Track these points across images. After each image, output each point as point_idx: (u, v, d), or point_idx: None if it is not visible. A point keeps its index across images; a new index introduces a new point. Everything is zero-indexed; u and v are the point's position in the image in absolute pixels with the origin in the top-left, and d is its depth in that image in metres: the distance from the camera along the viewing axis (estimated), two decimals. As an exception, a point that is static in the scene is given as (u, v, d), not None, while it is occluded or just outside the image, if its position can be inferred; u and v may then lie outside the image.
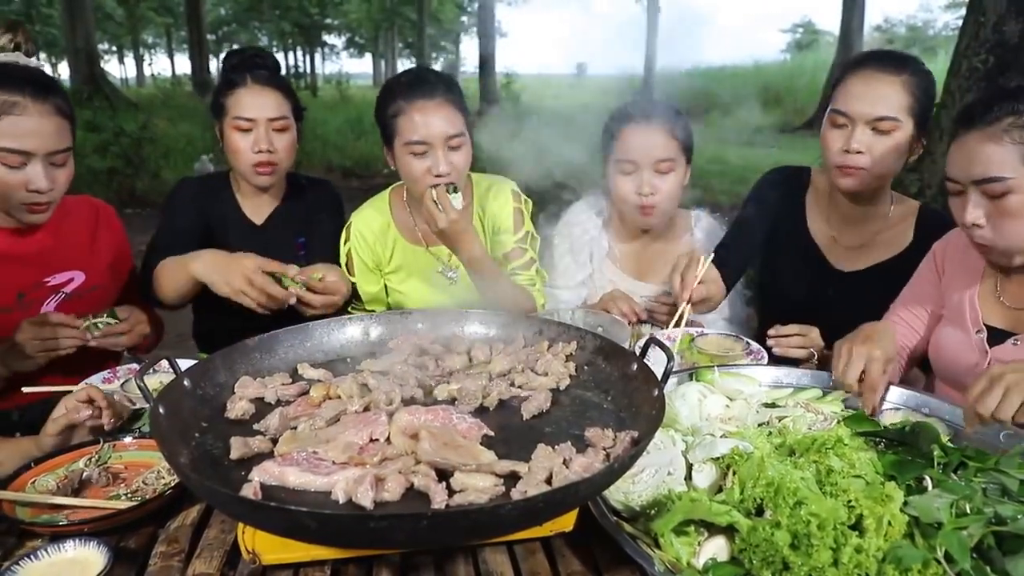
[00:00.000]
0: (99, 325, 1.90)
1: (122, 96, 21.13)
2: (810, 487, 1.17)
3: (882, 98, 1.96)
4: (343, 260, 2.37)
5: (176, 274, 2.06)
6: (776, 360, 1.93)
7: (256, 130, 2.18)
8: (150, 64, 70.07)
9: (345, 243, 2.37)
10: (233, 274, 1.91)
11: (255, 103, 2.18)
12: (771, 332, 1.96)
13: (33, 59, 1.93)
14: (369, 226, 2.35)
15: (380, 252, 2.35)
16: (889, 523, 1.12)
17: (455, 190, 2.01)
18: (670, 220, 2.46)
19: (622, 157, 2.29)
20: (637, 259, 2.52)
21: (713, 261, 2.25)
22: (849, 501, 1.14)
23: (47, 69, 2.02)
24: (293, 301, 1.96)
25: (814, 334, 1.95)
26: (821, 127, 2.12)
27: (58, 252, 2.06)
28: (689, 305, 1.98)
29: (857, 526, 1.13)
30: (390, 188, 2.44)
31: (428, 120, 2.07)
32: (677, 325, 2.01)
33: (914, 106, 1.97)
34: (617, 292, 2.33)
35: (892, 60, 2.01)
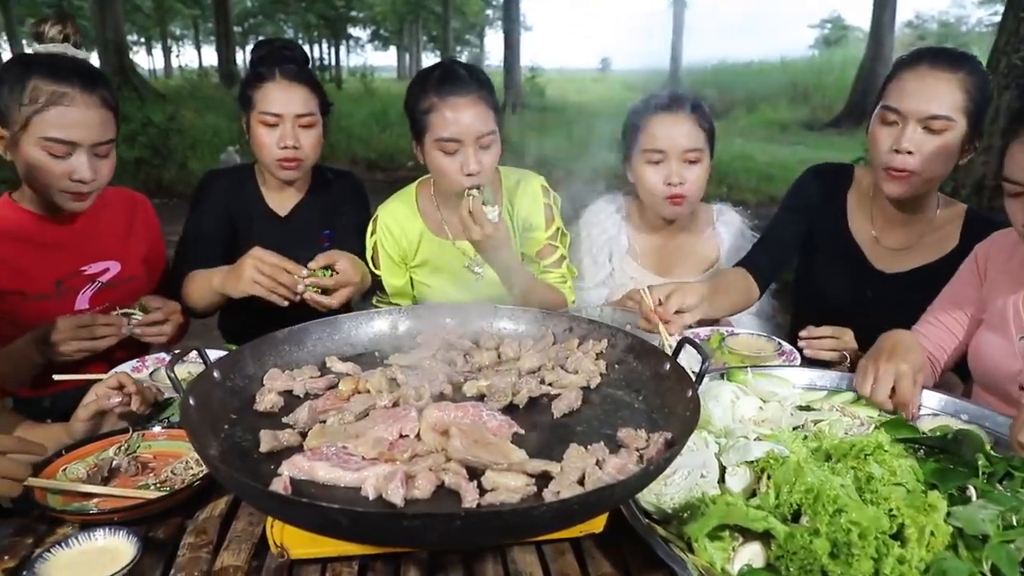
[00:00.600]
0: (132, 317, 1.91)
1: (150, 87, 21.34)
2: (850, 495, 1.13)
3: (936, 96, 1.89)
4: (369, 253, 2.36)
5: (202, 287, 2.10)
6: (808, 361, 1.89)
7: (282, 126, 2.17)
8: (178, 55, 70.83)
9: (371, 236, 2.36)
10: (243, 268, 1.92)
11: (282, 98, 2.17)
12: (803, 333, 1.91)
13: (81, 51, 1.95)
14: (396, 219, 2.34)
15: (406, 245, 2.34)
16: (932, 534, 1.09)
17: (491, 202, 1.99)
18: (692, 214, 2.43)
19: (650, 147, 2.26)
20: (658, 254, 2.48)
21: (743, 263, 2.22)
22: (891, 510, 1.11)
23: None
24: (301, 289, 1.93)
25: (848, 336, 1.90)
26: (868, 124, 2.06)
27: (95, 242, 2.08)
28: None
29: (898, 536, 1.10)
30: (417, 181, 2.42)
31: (460, 117, 2.05)
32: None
33: (969, 106, 1.90)
34: (635, 290, 2.28)
35: (948, 57, 1.94)
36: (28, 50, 1.94)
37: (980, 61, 1.97)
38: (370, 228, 2.37)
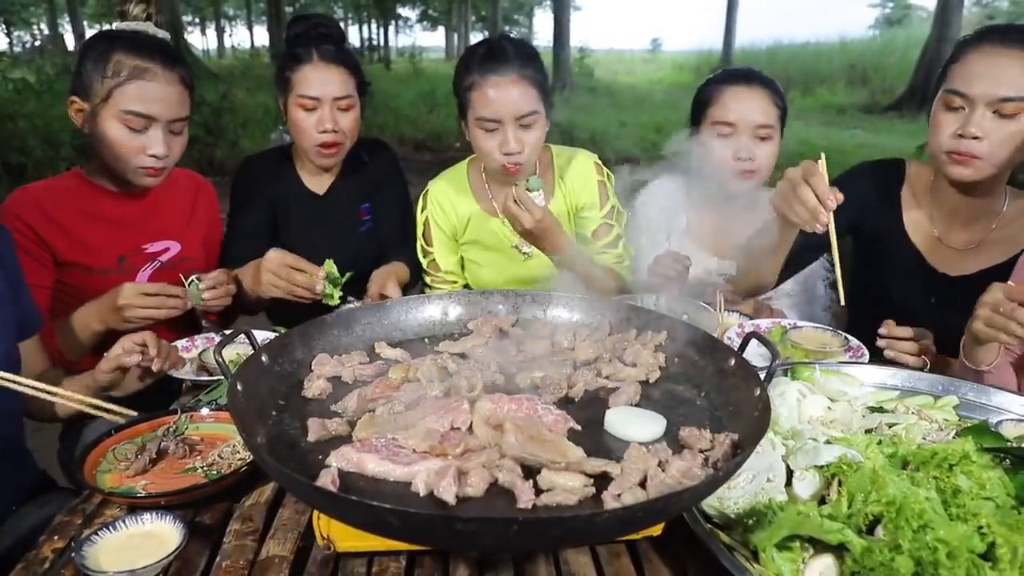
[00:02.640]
0: (194, 284, 1.92)
1: (203, 67, 21.71)
2: (935, 509, 1.05)
3: (1007, 76, 1.74)
4: (420, 229, 2.36)
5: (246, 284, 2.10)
6: (877, 359, 1.78)
7: (320, 109, 2.15)
8: (230, 36, 72.02)
9: (422, 211, 2.36)
10: (260, 275, 1.97)
11: (320, 81, 2.13)
12: (883, 331, 1.79)
13: (161, 31, 1.97)
14: (446, 195, 2.33)
15: (455, 221, 2.33)
16: (1027, 554, 0.99)
17: (537, 186, 1.93)
18: (753, 194, 2.33)
19: (720, 119, 2.19)
20: (717, 235, 2.39)
21: None
22: (980, 527, 1.02)
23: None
24: (319, 289, 1.97)
25: (929, 340, 1.78)
26: (930, 109, 1.91)
27: (158, 221, 2.10)
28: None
29: (988, 556, 1.01)
30: (468, 159, 2.40)
31: (500, 96, 2.02)
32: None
33: None
34: (663, 254, 2.13)
35: (1019, 34, 1.78)
36: (111, 27, 1.98)
37: None
38: (420, 204, 2.37)
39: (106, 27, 2.04)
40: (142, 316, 1.82)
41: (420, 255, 2.41)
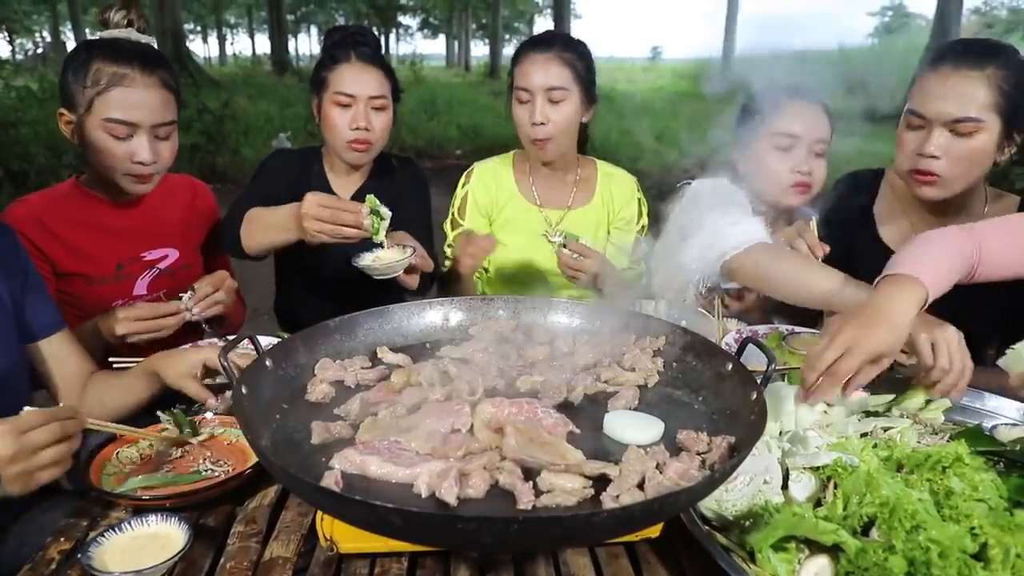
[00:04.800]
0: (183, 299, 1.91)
1: (205, 74, 21.78)
2: (928, 510, 1.06)
3: (961, 97, 1.74)
4: (456, 204, 2.46)
5: (264, 225, 1.98)
6: None
7: (355, 107, 2.17)
8: (232, 43, 72.36)
9: (463, 187, 2.47)
10: (304, 225, 1.79)
11: (357, 79, 2.17)
12: None
13: (144, 36, 1.96)
14: (492, 172, 2.47)
15: (495, 196, 2.44)
16: (1018, 556, 1.01)
17: (576, 238, 2.16)
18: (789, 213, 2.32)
19: (782, 130, 2.13)
20: None
21: None
22: (973, 528, 1.03)
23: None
24: (367, 223, 1.79)
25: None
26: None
27: (156, 228, 2.09)
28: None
29: (980, 556, 1.02)
30: (514, 151, 2.55)
31: (533, 69, 2.21)
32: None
33: (1000, 103, 1.73)
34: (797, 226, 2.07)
35: (974, 53, 1.77)
36: (93, 36, 1.97)
37: (1017, 50, 1.80)
38: (462, 181, 2.48)
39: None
40: (145, 340, 1.83)
41: (448, 229, 2.47)
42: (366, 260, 1.87)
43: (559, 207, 2.45)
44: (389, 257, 1.88)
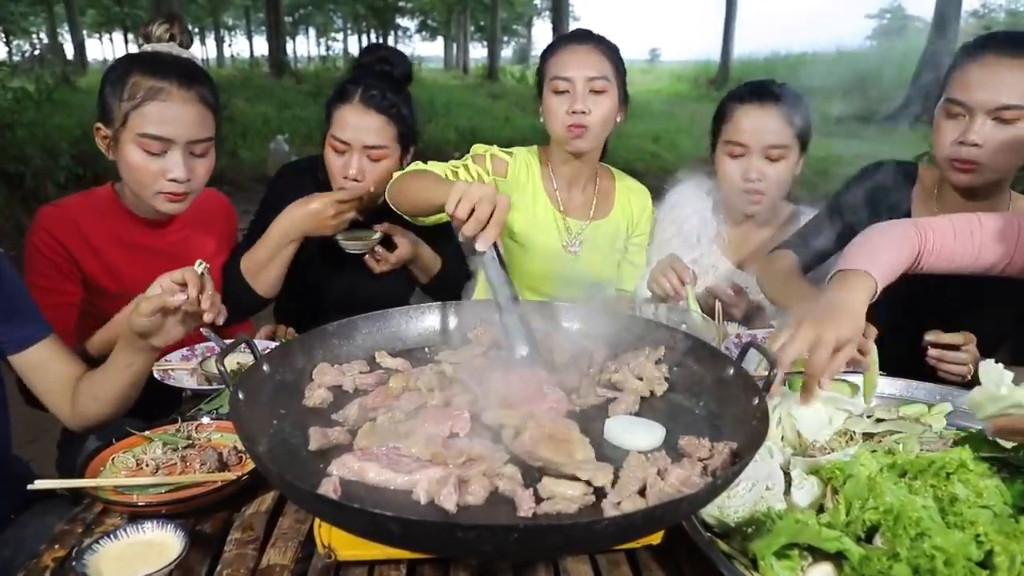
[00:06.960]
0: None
1: (203, 76, 21.73)
2: (932, 517, 1.05)
3: (1005, 85, 1.76)
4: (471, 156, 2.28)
5: (269, 246, 2.04)
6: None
7: (350, 154, 2.10)
8: (230, 45, 72.19)
9: (493, 154, 2.28)
10: (321, 221, 2.03)
11: (355, 126, 2.08)
12: (930, 337, 1.78)
13: (186, 51, 1.93)
14: (526, 166, 2.32)
15: (518, 173, 2.30)
16: (1023, 563, 1.00)
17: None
18: (775, 212, 2.33)
19: (732, 139, 2.17)
20: (741, 247, 2.39)
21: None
22: (978, 535, 1.02)
23: (132, 49, 2.05)
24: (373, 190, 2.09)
25: (972, 346, 1.76)
26: (930, 117, 1.93)
27: (192, 246, 2.05)
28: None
29: (985, 564, 1.01)
30: (536, 147, 2.41)
31: (573, 59, 2.16)
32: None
33: None
34: (668, 258, 2.12)
35: (1016, 42, 1.79)
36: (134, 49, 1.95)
37: None
38: (492, 151, 2.28)
39: (112, 39, 2.02)
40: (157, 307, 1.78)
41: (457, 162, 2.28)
42: (340, 235, 2.09)
43: (581, 217, 2.36)
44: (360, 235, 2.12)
